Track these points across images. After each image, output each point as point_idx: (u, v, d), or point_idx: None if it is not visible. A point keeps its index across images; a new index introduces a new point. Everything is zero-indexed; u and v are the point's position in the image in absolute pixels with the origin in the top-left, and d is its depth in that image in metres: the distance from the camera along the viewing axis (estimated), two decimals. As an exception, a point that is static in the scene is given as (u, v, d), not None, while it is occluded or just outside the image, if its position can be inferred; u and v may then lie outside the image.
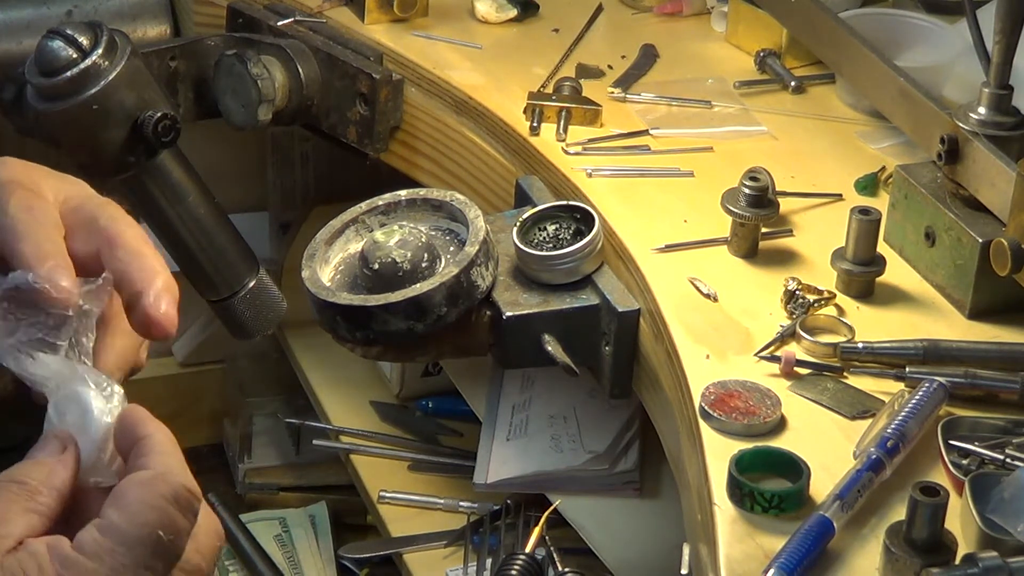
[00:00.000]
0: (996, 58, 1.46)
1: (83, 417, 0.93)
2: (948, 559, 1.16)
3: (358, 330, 1.44)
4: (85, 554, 0.89)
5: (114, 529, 0.89)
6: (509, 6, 1.90)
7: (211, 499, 2.11)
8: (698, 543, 1.28)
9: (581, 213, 1.51)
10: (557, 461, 1.89)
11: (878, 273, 1.48)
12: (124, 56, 1.37)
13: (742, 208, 1.51)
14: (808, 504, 1.24)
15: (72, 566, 0.88)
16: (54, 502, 0.91)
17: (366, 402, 2.17)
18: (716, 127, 1.73)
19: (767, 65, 1.82)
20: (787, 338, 1.42)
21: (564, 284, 1.48)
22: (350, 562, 2.05)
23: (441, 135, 1.77)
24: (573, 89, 1.74)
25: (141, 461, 0.92)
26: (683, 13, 1.94)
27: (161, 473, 0.91)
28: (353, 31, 1.85)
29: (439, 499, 2.01)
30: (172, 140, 1.40)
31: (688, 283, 1.48)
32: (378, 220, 1.52)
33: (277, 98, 1.76)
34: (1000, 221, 1.43)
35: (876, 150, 1.69)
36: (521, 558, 1.68)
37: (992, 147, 1.44)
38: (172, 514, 0.90)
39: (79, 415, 0.93)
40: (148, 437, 0.93)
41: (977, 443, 1.29)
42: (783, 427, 1.33)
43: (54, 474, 0.92)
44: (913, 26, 1.80)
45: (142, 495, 0.90)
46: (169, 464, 0.92)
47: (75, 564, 0.88)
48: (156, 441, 0.93)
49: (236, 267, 1.48)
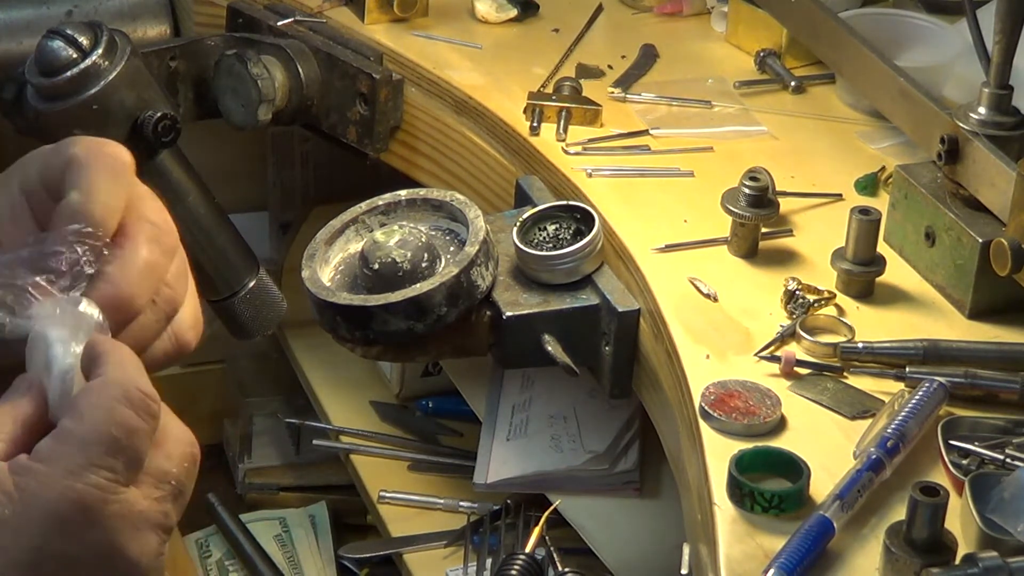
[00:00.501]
0: (996, 58, 1.46)
1: (47, 355, 0.93)
2: (948, 559, 1.16)
3: (358, 330, 1.44)
4: (39, 459, 0.89)
5: (66, 433, 0.90)
6: (509, 6, 1.90)
7: (211, 499, 2.12)
8: (698, 543, 1.28)
9: (581, 213, 1.51)
10: (557, 461, 1.89)
11: (878, 273, 1.48)
12: (124, 56, 1.38)
13: (742, 208, 1.51)
14: (808, 504, 1.24)
15: (26, 472, 0.89)
16: (18, 429, 0.92)
17: (366, 402, 2.17)
18: (716, 127, 1.73)
19: (767, 65, 1.82)
20: (787, 338, 1.42)
21: (564, 284, 1.48)
22: (350, 562, 2.05)
23: (441, 135, 1.77)
24: (573, 89, 1.74)
25: (96, 371, 0.93)
26: (683, 13, 1.94)
27: (113, 378, 0.92)
28: (353, 31, 1.85)
29: (439, 499, 2.01)
30: (172, 140, 1.41)
31: (688, 283, 1.48)
32: (378, 220, 1.52)
33: (277, 98, 1.76)
34: (1000, 221, 1.43)
35: (876, 150, 1.69)
36: (521, 558, 1.68)
37: (992, 147, 1.44)
38: (124, 413, 0.90)
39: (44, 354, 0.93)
40: (105, 352, 0.93)
41: (977, 443, 1.29)
42: (783, 427, 1.33)
43: (16, 406, 0.92)
44: (913, 26, 1.80)
45: (93, 399, 0.91)
46: (122, 370, 0.92)
47: (28, 470, 0.89)
48: (113, 355, 0.93)
49: (236, 267, 1.48)
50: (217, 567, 2.07)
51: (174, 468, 0.93)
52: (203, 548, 2.09)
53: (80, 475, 0.89)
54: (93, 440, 0.89)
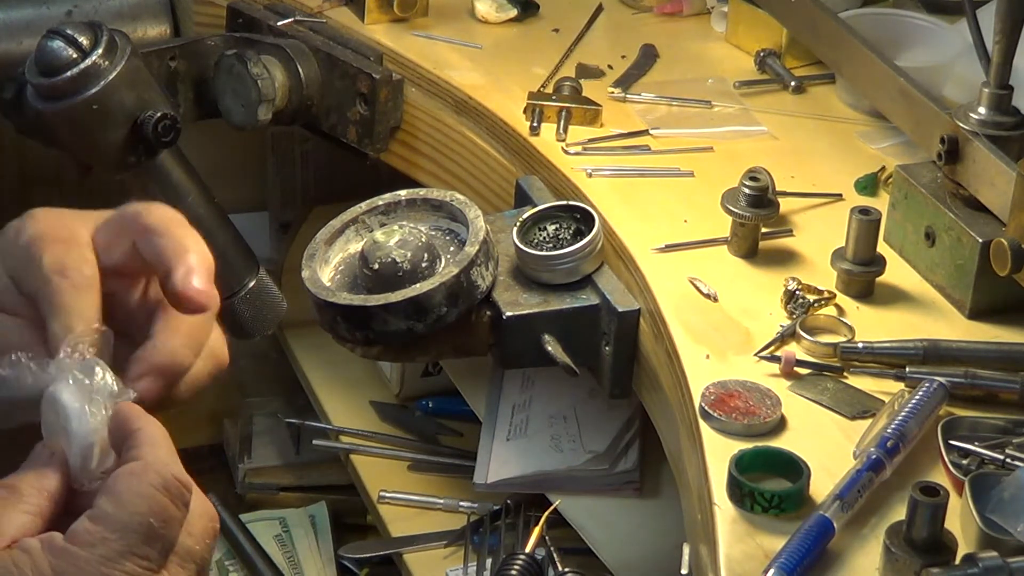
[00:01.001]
0: (996, 58, 1.46)
1: (66, 423, 0.94)
2: (948, 559, 1.16)
3: (358, 330, 1.44)
4: (77, 543, 0.90)
5: (106, 517, 0.90)
6: (509, 6, 1.90)
7: (211, 499, 2.11)
8: (698, 543, 1.28)
9: (581, 213, 1.51)
10: (557, 461, 1.89)
11: (878, 273, 1.48)
12: (124, 56, 1.38)
13: (742, 208, 1.51)
14: (808, 504, 1.24)
15: (65, 556, 0.89)
16: (45, 502, 0.92)
17: (366, 402, 2.17)
18: (716, 127, 1.73)
19: (767, 65, 1.82)
20: (787, 338, 1.42)
21: (564, 284, 1.48)
22: (350, 562, 2.05)
23: (441, 135, 1.77)
24: (573, 89, 1.74)
25: (132, 453, 0.93)
26: (683, 13, 1.94)
27: (151, 463, 0.92)
28: (353, 31, 1.85)
29: (439, 499, 2.01)
30: (172, 140, 1.41)
31: (688, 283, 1.48)
32: (378, 220, 1.52)
33: (277, 98, 1.76)
34: (1000, 221, 1.43)
35: (876, 150, 1.69)
36: (521, 558, 1.68)
37: (992, 147, 1.44)
38: (162, 502, 0.91)
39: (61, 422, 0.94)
40: (139, 431, 0.94)
41: (977, 443, 1.29)
42: (783, 427, 1.33)
43: (42, 477, 0.93)
44: (913, 26, 1.80)
45: (132, 484, 0.91)
46: (159, 455, 0.93)
47: (67, 554, 0.89)
48: (147, 434, 0.94)
49: (236, 267, 1.48)
50: (217, 567, 2.07)
51: (198, 546, 0.94)
52: (203, 548, 2.09)
53: (117, 562, 0.90)
54: (132, 528, 0.90)
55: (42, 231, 1.01)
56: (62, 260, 1.00)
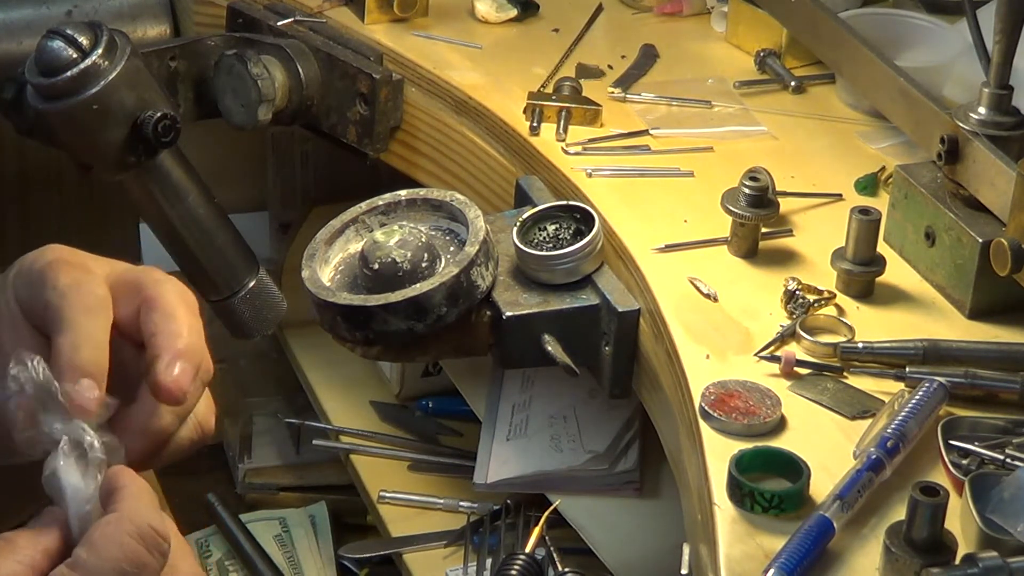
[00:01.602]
0: (996, 58, 1.46)
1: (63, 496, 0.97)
2: (948, 559, 1.16)
3: (358, 330, 1.44)
4: None
5: (81, 564, 0.93)
6: (509, 6, 1.90)
7: (211, 499, 2.12)
8: (698, 543, 1.28)
9: (581, 213, 1.51)
10: (557, 461, 1.89)
11: (878, 273, 1.48)
12: (124, 56, 1.37)
13: (742, 208, 1.51)
14: (808, 504, 1.24)
15: None
16: (39, 556, 0.95)
17: (366, 402, 2.17)
18: (716, 127, 1.73)
19: (767, 65, 1.82)
20: (787, 338, 1.42)
21: (564, 284, 1.48)
22: (350, 562, 2.05)
23: (441, 135, 1.77)
24: (573, 89, 1.74)
25: (112, 507, 0.96)
26: (683, 13, 1.94)
27: (126, 513, 0.95)
28: (353, 31, 1.85)
29: (439, 499, 2.01)
30: (172, 140, 1.40)
31: (688, 283, 1.48)
32: (378, 220, 1.52)
33: (277, 98, 1.76)
34: (1000, 221, 1.43)
35: (876, 150, 1.69)
36: (521, 558, 1.68)
37: (992, 147, 1.44)
38: (137, 550, 0.93)
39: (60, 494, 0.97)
40: (123, 488, 0.97)
41: (977, 443, 1.29)
42: (783, 427, 1.33)
43: (40, 533, 0.96)
44: (913, 26, 1.80)
45: (108, 532, 0.94)
46: (136, 506, 0.95)
47: None
48: (129, 491, 0.97)
49: (236, 267, 1.48)
50: (217, 567, 2.07)
51: None
52: (203, 548, 2.09)
53: None
54: (104, 572, 0.92)
55: (60, 257, 1.03)
56: (78, 280, 1.02)
